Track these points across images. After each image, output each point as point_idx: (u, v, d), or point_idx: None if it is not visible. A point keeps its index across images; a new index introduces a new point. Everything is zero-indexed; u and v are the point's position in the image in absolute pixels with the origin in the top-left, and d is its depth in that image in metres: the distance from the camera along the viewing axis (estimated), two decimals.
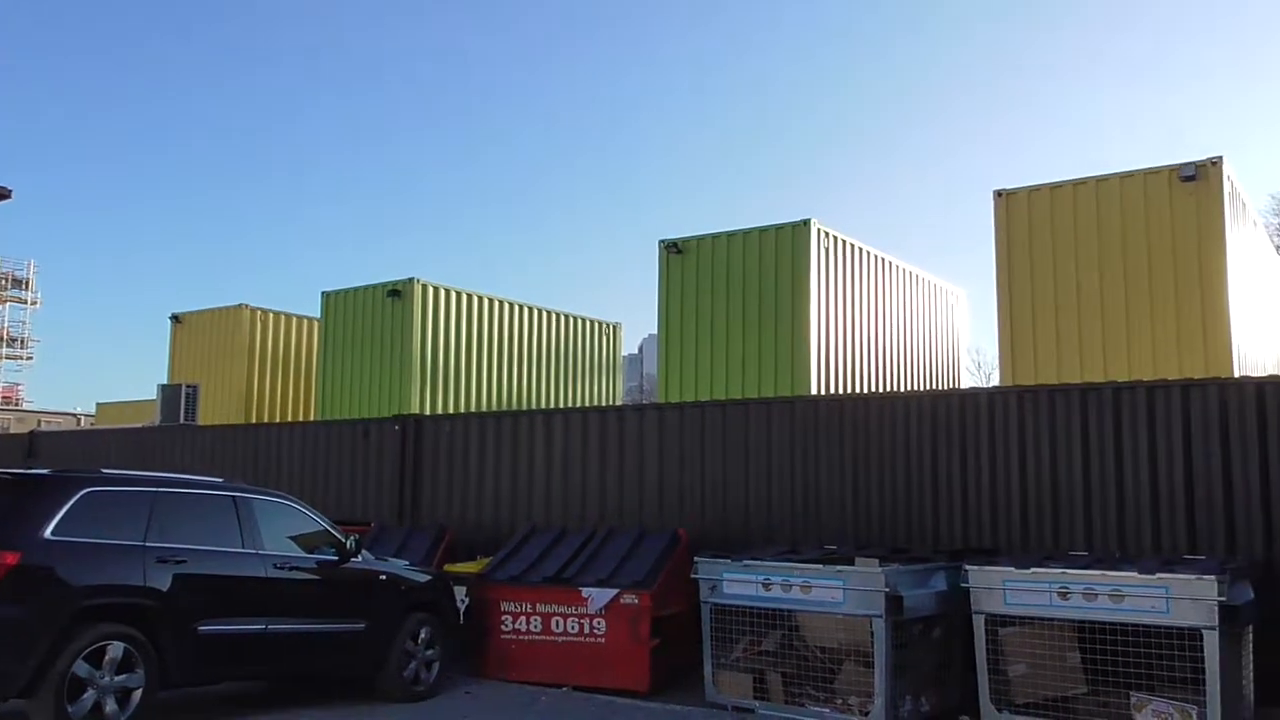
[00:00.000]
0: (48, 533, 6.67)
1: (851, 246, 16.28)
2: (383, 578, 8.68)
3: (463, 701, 8.67)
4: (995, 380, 18.88)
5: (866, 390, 15.96)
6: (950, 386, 18.96)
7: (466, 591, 9.65)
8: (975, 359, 39.13)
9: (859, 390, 15.76)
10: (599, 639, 9.02)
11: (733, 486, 10.40)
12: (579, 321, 21.89)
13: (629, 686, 8.81)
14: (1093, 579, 7.09)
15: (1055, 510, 8.86)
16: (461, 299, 19.21)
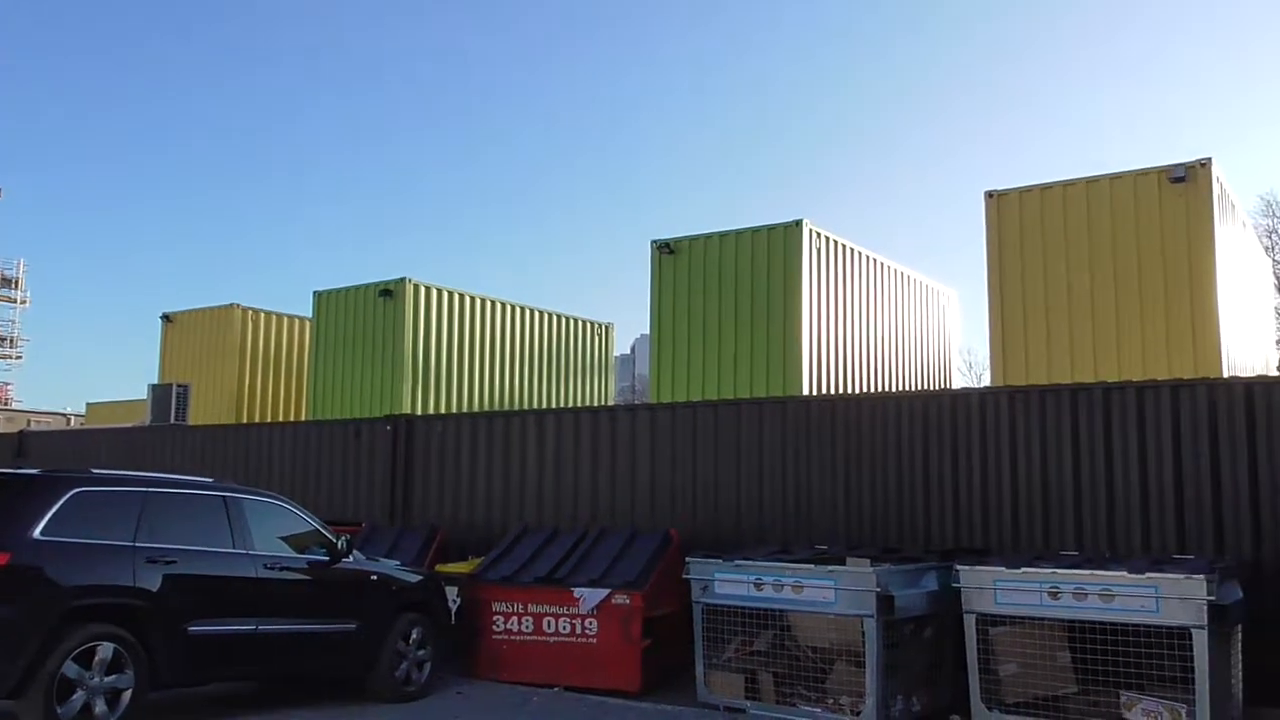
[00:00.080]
0: (37, 533, 6.64)
1: (843, 247, 16.31)
2: (374, 578, 8.67)
3: (454, 702, 8.66)
4: (986, 381, 18.97)
5: (858, 390, 15.98)
6: (942, 387, 19.00)
7: (458, 592, 9.64)
8: (967, 359, 39.31)
9: (851, 390, 15.78)
10: (591, 639, 9.01)
11: (724, 487, 10.41)
12: (571, 322, 21.88)
13: (621, 687, 8.82)
14: (1083, 579, 7.12)
15: (1046, 510, 8.89)
16: (453, 299, 19.17)
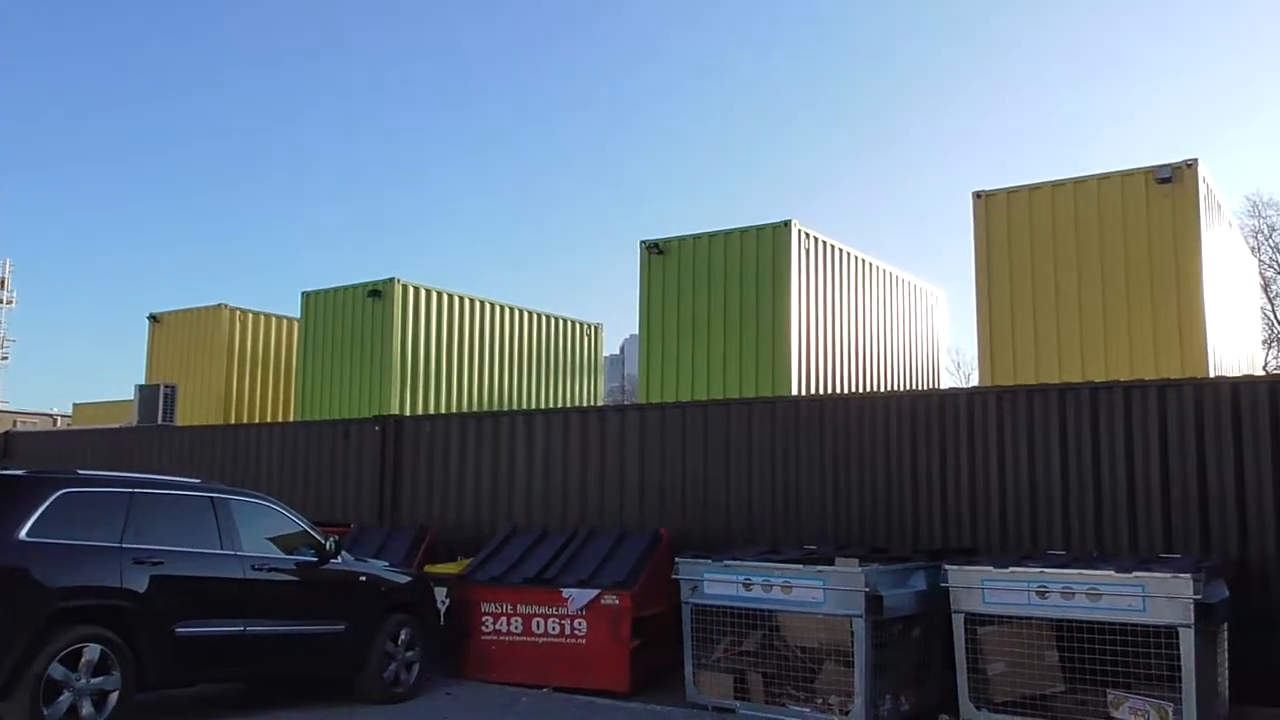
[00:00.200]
0: (23, 534, 6.61)
1: (832, 247, 16.33)
2: (362, 579, 8.65)
3: (443, 703, 8.65)
4: (975, 381, 19.02)
5: (847, 390, 16.00)
6: (930, 387, 19.04)
7: (447, 592, 9.62)
8: (955, 359, 39.38)
9: (839, 390, 15.79)
10: (580, 640, 9.01)
11: (713, 487, 10.42)
12: (560, 322, 21.85)
13: (609, 687, 8.81)
14: (1070, 578, 7.14)
15: (1033, 510, 8.92)
16: (442, 299, 19.13)
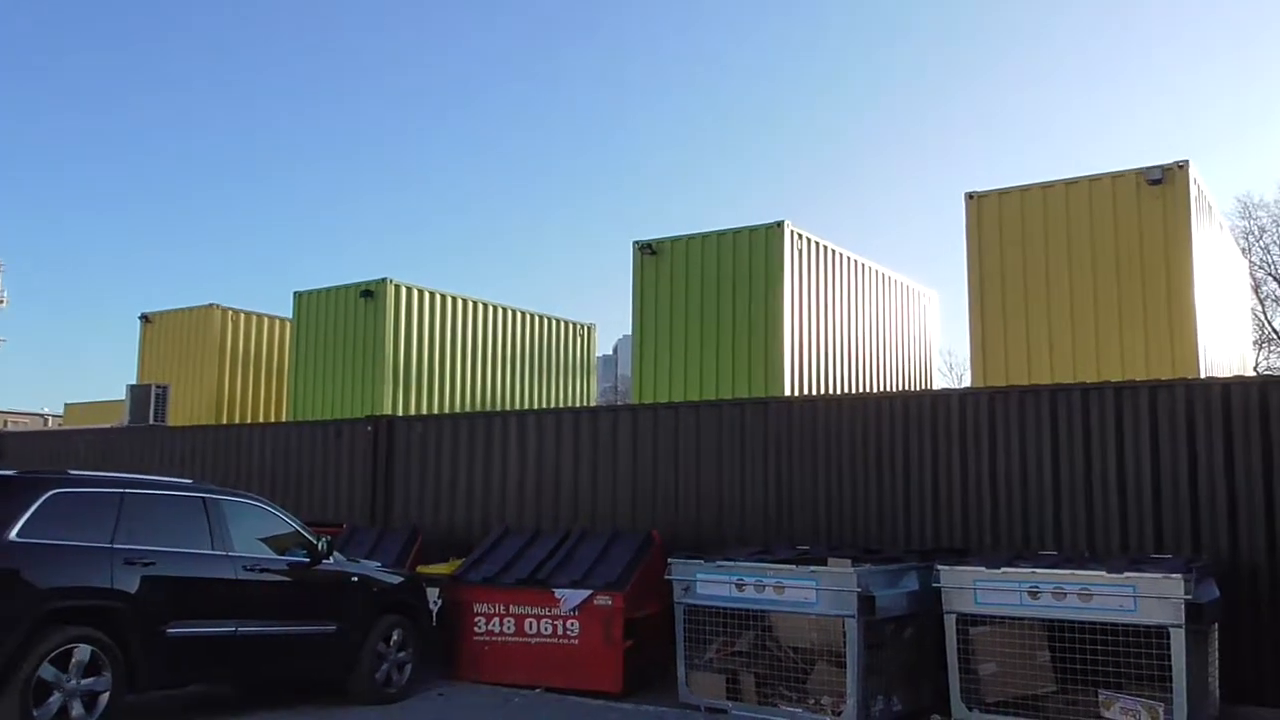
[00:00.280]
0: (13, 534, 6.58)
1: (824, 248, 16.36)
2: (354, 579, 8.64)
3: (435, 703, 8.63)
4: (967, 381, 19.04)
5: (839, 391, 16.03)
6: (922, 388, 19.08)
7: (439, 593, 9.61)
8: (947, 360, 39.53)
9: (832, 391, 15.82)
10: (572, 640, 9.01)
11: (706, 487, 10.42)
12: (553, 322, 21.85)
13: (602, 688, 8.81)
14: (1062, 578, 7.16)
15: (1025, 510, 8.94)
16: (434, 299, 19.11)
